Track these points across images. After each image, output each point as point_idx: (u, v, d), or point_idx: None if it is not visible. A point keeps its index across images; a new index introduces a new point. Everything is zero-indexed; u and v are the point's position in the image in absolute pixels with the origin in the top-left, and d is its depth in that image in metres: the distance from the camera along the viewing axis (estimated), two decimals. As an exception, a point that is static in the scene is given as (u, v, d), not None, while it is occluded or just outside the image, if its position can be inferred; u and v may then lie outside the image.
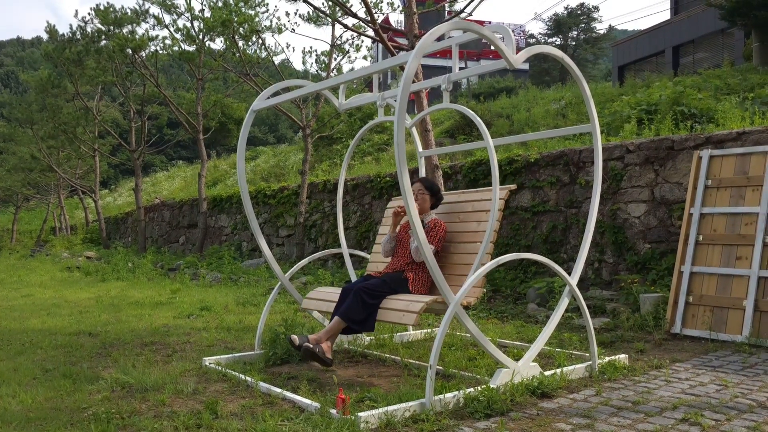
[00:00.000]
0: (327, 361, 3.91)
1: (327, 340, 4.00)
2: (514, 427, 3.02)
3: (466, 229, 4.43)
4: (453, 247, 4.44)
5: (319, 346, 3.91)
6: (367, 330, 4.01)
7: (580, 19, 46.51)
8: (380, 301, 4.01)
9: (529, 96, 21.28)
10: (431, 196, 4.51)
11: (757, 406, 3.29)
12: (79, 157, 25.23)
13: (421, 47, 3.34)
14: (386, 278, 4.21)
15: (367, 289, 4.01)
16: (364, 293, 3.99)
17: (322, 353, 3.89)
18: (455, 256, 4.40)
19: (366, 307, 3.97)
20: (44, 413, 3.34)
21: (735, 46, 20.99)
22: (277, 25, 13.62)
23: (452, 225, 4.54)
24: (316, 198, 12.22)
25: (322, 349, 3.91)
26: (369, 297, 3.99)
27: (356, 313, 3.95)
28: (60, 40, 19.34)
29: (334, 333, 4.04)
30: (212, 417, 3.22)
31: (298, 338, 3.92)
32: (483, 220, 4.33)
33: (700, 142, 6.42)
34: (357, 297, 3.98)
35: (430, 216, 4.49)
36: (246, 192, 4.83)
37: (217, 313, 6.98)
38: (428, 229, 4.36)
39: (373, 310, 3.98)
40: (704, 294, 5.26)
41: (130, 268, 12.64)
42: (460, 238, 4.44)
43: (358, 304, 3.96)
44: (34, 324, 6.38)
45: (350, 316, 3.96)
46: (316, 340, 3.95)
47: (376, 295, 4.02)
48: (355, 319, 3.96)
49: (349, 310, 3.97)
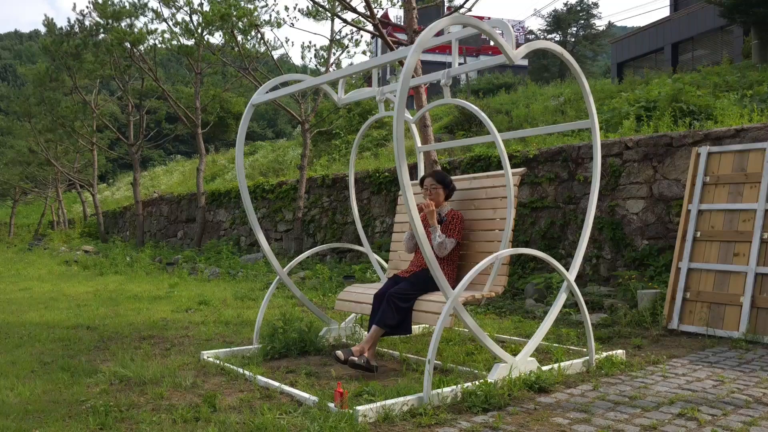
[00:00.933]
0: (373, 368, 3.96)
1: (369, 349, 4.05)
2: (511, 421, 3.03)
3: (483, 217, 4.48)
4: (473, 236, 4.49)
5: (363, 356, 3.96)
6: (404, 333, 4.12)
7: (580, 15, 46.46)
8: (412, 303, 4.09)
9: (528, 92, 21.26)
10: (444, 188, 4.53)
11: (753, 402, 3.30)
12: (77, 151, 25.19)
13: (421, 42, 3.34)
14: (413, 279, 4.26)
15: (397, 294, 4.09)
16: (396, 298, 4.07)
17: (367, 362, 3.93)
18: (476, 245, 4.45)
19: (399, 312, 4.05)
20: (42, 406, 3.35)
21: (734, 43, 20.98)
22: (276, 19, 13.62)
23: (468, 213, 4.57)
24: (315, 193, 12.21)
25: (367, 359, 3.95)
26: (401, 301, 4.07)
27: (391, 318, 4.04)
28: (58, 34, 19.28)
29: (375, 340, 4.10)
30: (210, 410, 3.22)
31: (343, 353, 3.96)
32: (499, 207, 4.38)
33: (698, 138, 6.43)
34: (390, 303, 4.06)
35: (446, 208, 4.52)
36: (245, 186, 4.83)
37: (215, 307, 6.98)
38: (447, 222, 4.40)
39: (407, 313, 4.07)
40: (701, 290, 5.27)
41: (128, 263, 12.64)
42: (478, 226, 4.48)
43: (391, 310, 4.05)
44: (32, 317, 6.38)
45: (386, 322, 4.04)
46: (359, 351, 4.00)
47: (407, 298, 4.09)
48: (391, 325, 4.05)
49: (384, 316, 4.05)
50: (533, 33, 48.12)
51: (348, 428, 2.87)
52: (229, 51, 14.45)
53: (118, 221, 23.48)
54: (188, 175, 26.95)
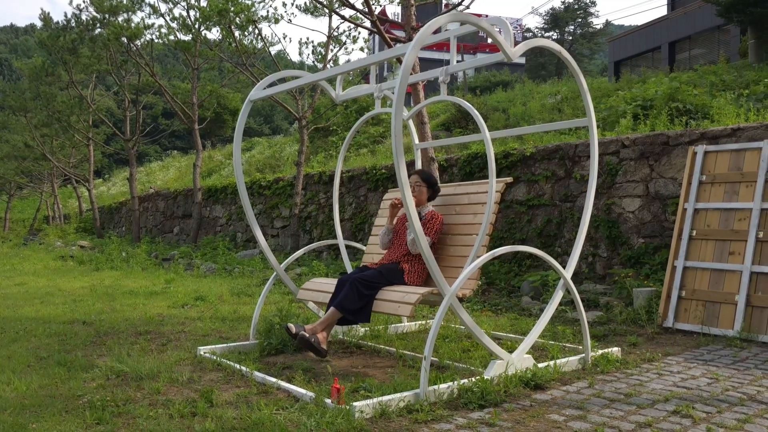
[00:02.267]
0: (322, 351, 3.93)
1: (323, 331, 4.02)
2: (507, 417, 3.04)
3: (463, 221, 4.45)
4: (449, 239, 4.46)
5: (314, 336, 3.92)
6: (363, 321, 4.03)
7: (577, 13, 46.49)
8: (376, 292, 4.03)
9: (525, 90, 21.29)
10: (428, 188, 4.52)
11: (747, 399, 3.32)
12: (73, 146, 25.09)
13: (420, 38, 3.34)
14: (382, 269, 4.22)
15: (362, 280, 4.03)
16: (360, 284, 4.01)
17: (318, 343, 3.90)
18: (451, 248, 4.42)
19: (362, 298, 3.99)
20: (39, 400, 3.35)
21: (731, 42, 21.04)
22: (273, 15, 13.57)
23: (449, 217, 4.55)
24: (312, 189, 12.21)
25: (318, 339, 3.92)
26: (365, 288, 4.01)
27: (352, 303, 3.97)
28: (54, 28, 19.18)
29: (330, 323, 4.06)
30: (207, 405, 3.23)
31: (295, 327, 3.94)
32: (479, 213, 4.35)
33: (695, 137, 6.44)
34: (353, 288, 4.00)
35: (427, 208, 4.51)
36: (242, 182, 4.82)
37: (211, 303, 6.98)
38: (425, 221, 4.38)
39: (369, 300, 4.00)
40: (697, 288, 5.30)
41: (124, 258, 12.61)
42: (457, 230, 4.45)
43: (354, 294, 3.98)
44: (28, 312, 6.37)
45: (346, 306, 3.98)
46: (312, 330, 3.96)
47: (372, 286, 4.03)
48: (350, 310, 3.98)
49: (345, 300, 3.99)
50: (531, 31, 48.16)
51: (345, 424, 2.88)
52: (227, 47, 14.42)
53: (114, 217, 23.43)
54: (185, 171, 26.91)
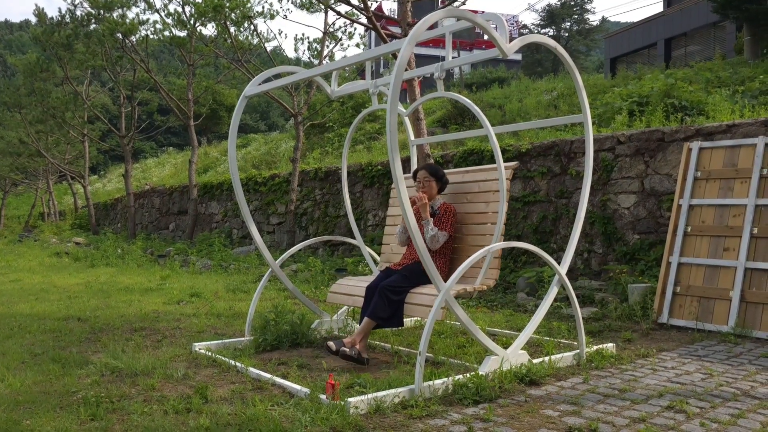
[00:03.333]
0: (364, 360, 3.97)
1: (361, 341, 4.06)
2: (502, 413, 3.05)
3: (476, 210, 4.49)
4: (465, 229, 4.50)
5: (354, 348, 3.96)
6: (396, 326, 4.12)
7: (573, 10, 46.46)
8: (404, 296, 4.10)
9: (521, 86, 21.28)
10: (437, 181, 4.54)
11: (741, 395, 3.34)
12: (68, 142, 25.00)
13: (415, 34, 3.33)
14: (406, 272, 4.26)
15: (390, 287, 4.09)
16: (388, 291, 4.07)
17: (359, 354, 3.94)
18: (468, 238, 4.46)
19: (391, 305, 4.06)
20: (33, 397, 3.34)
21: (727, 39, 21.07)
22: (269, 11, 13.51)
23: (461, 206, 4.58)
24: (307, 186, 12.19)
25: (358, 351, 3.96)
26: (393, 294, 4.07)
27: (383, 311, 4.05)
28: (49, 24, 19.08)
29: (366, 333, 4.11)
30: (202, 401, 3.23)
31: (335, 344, 3.97)
32: (491, 201, 4.39)
33: (690, 134, 6.46)
34: (382, 296, 4.06)
35: (438, 201, 4.52)
36: (237, 179, 4.81)
37: (207, 299, 6.97)
38: (439, 215, 4.40)
39: (399, 306, 4.08)
40: (691, 284, 5.31)
41: (120, 255, 12.59)
42: (471, 219, 4.49)
43: (383, 302, 4.05)
44: (23, 309, 6.35)
45: (378, 314, 4.05)
46: (351, 343, 4.00)
47: (400, 290, 4.10)
48: (382, 317, 4.06)
49: (376, 308, 4.05)
50: (527, 27, 48.09)
51: (339, 420, 2.88)
52: (222, 42, 14.37)
53: (109, 213, 23.37)
54: (180, 168, 26.84)
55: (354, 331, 4.41)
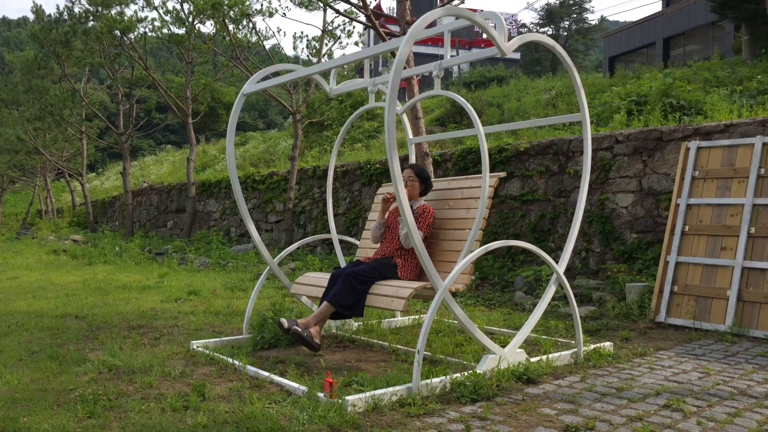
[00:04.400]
0: (315, 345, 3.93)
1: (315, 325, 4.02)
2: (499, 411, 3.05)
3: (456, 216, 4.45)
4: (442, 234, 4.46)
5: (307, 330, 3.92)
6: (356, 315, 4.04)
7: (572, 9, 46.44)
8: (369, 286, 4.02)
9: (519, 85, 21.29)
10: (421, 183, 4.52)
11: (738, 393, 3.34)
12: (66, 140, 24.97)
13: (414, 32, 3.33)
14: (375, 264, 4.22)
15: (356, 275, 4.03)
16: (354, 279, 4.01)
17: (311, 337, 3.91)
18: (444, 243, 4.42)
19: (355, 293, 3.99)
20: (30, 394, 3.34)
21: (725, 39, 21.09)
22: (268, 8, 13.51)
23: (442, 212, 4.55)
24: (306, 184, 12.19)
25: (311, 334, 3.92)
26: (358, 282, 4.00)
27: (345, 298, 3.97)
28: (47, 21, 19.05)
29: (323, 318, 4.06)
30: (200, 399, 3.23)
31: (287, 322, 3.93)
32: (472, 207, 4.35)
33: (688, 133, 6.46)
34: (346, 282, 4.00)
35: (419, 202, 4.51)
36: (235, 177, 4.81)
37: (205, 297, 6.97)
38: (417, 215, 4.38)
39: (362, 295, 4.00)
40: (689, 284, 5.32)
41: (118, 252, 12.57)
42: (450, 225, 4.46)
43: (347, 289, 3.98)
44: (20, 306, 6.34)
45: (339, 301, 3.98)
46: (305, 325, 3.96)
47: (365, 280, 4.03)
48: (344, 304, 3.98)
49: (338, 295, 3.99)
50: (526, 26, 48.08)
51: (337, 418, 2.88)
52: (221, 40, 14.35)
53: (107, 211, 23.34)
54: (178, 165, 26.81)
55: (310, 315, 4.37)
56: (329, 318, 4.14)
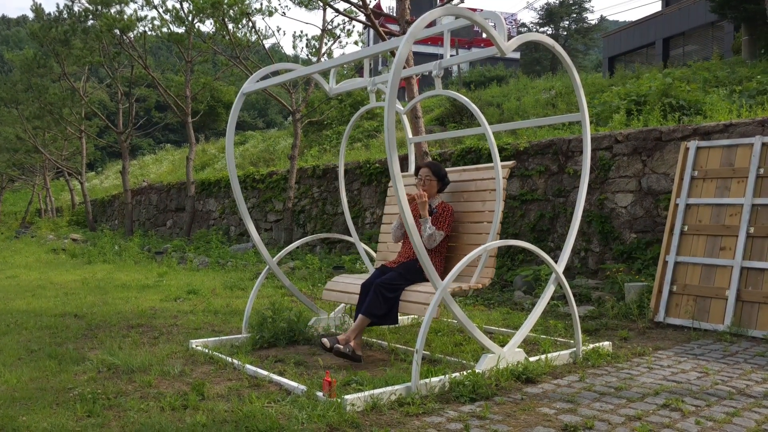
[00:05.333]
0: (357, 357, 3.97)
1: (355, 339, 4.06)
2: (498, 410, 3.06)
3: (472, 209, 4.50)
4: (461, 228, 4.51)
5: (348, 345, 3.96)
6: (391, 323, 4.11)
7: (572, 8, 46.45)
8: (399, 293, 4.10)
9: (519, 85, 21.29)
10: (438, 181, 4.54)
11: (736, 393, 3.35)
12: (66, 139, 24.95)
13: (413, 31, 3.33)
14: (401, 270, 4.27)
15: (385, 284, 4.09)
16: (384, 288, 4.07)
17: (352, 352, 3.94)
18: (465, 236, 4.47)
19: (386, 302, 4.06)
20: (29, 393, 3.34)
21: (724, 39, 21.10)
22: (267, 7, 13.50)
23: (457, 205, 4.59)
24: (305, 183, 12.19)
25: (352, 348, 3.96)
26: (388, 291, 4.07)
27: (378, 308, 4.05)
28: (46, 19, 19.04)
29: (361, 330, 4.11)
30: (199, 398, 3.23)
31: (329, 340, 3.96)
32: (487, 200, 4.40)
33: (687, 133, 6.47)
34: (377, 293, 4.06)
35: (437, 200, 4.52)
36: (235, 176, 4.81)
37: (204, 296, 6.97)
38: (436, 214, 4.41)
39: (394, 303, 4.08)
40: (688, 283, 5.32)
41: (117, 251, 12.57)
42: (467, 218, 4.50)
43: (378, 299, 4.05)
44: (19, 305, 6.34)
45: (373, 312, 4.05)
46: (345, 340, 4.00)
47: (395, 288, 4.10)
48: (377, 314, 4.06)
49: (371, 306, 4.05)
50: (525, 26, 48.09)
51: (336, 417, 2.88)
52: (220, 39, 14.34)
53: (106, 210, 23.33)
54: (178, 164, 26.80)
55: (349, 328, 4.42)
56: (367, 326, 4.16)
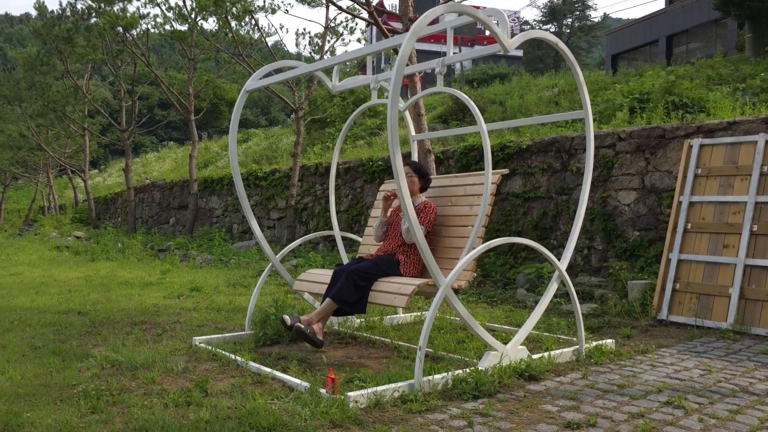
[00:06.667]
0: (318, 341, 3.94)
1: (318, 322, 4.02)
2: (501, 408, 3.06)
3: (458, 213, 4.46)
4: (444, 231, 4.47)
5: (310, 327, 3.93)
6: (359, 312, 4.04)
7: (575, 6, 46.34)
8: (372, 283, 4.03)
9: (522, 83, 21.26)
10: (420, 178, 4.53)
11: (739, 391, 3.35)
12: (69, 136, 24.97)
13: (416, 29, 3.33)
14: (378, 261, 4.23)
15: (358, 272, 4.03)
16: (356, 275, 4.01)
17: (313, 334, 3.91)
18: (446, 240, 4.42)
19: (358, 289, 3.99)
20: (33, 389, 3.35)
21: (728, 36, 21.04)
22: (270, 5, 13.49)
23: (444, 209, 4.55)
24: (308, 181, 12.19)
25: (313, 330, 3.93)
26: (361, 279, 4.01)
27: (348, 295, 3.98)
28: (49, 17, 19.06)
29: (326, 314, 4.07)
30: (202, 395, 3.24)
31: (290, 318, 3.94)
32: (475, 204, 4.36)
33: (690, 131, 6.45)
34: (349, 279, 4.00)
35: (420, 198, 4.52)
36: (238, 173, 4.81)
37: (207, 294, 6.98)
38: (418, 211, 4.39)
39: (365, 292, 4.01)
40: (691, 281, 5.32)
41: (120, 249, 12.59)
42: (452, 221, 4.46)
43: (349, 286, 3.99)
44: (23, 302, 6.36)
45: (342, 297, 3.98)
46: (307, 321, 3.97)
47: (368, 277, 4.04)
48: (346, 301, 3.99)
49: (341, 291, 3.99)
50: (528, 23, 48.00)
51: (339, 414, 2.89)
52: (223, 37, 14.35)
53: (109, 207, 23.37)
54: (181, 162, 26.84)
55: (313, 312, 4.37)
56: (332, 315, 4.15)
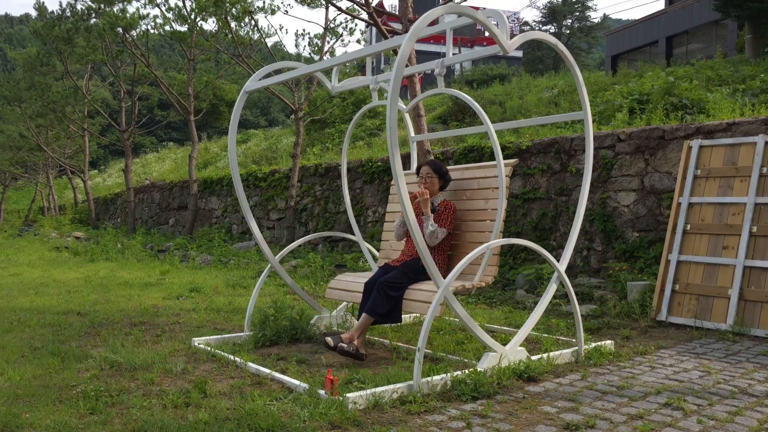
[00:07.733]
0: (361, 356, 3.97)
1: (359, 337, 4.06)
2: (500, 409, 3.06)
3: (475, 207, 4.50)
4: (464, 226, 4.50)
5: (352, 344, 3.96)
6: (394, 322, 4.11)
7: (575, 7, 46.37)
8: (403, 292, 4.09)
9: (522, 83, 21.25)
10: (440, 178, 4.54)
11: (738, 392, 3.35)
12: (68, 137, 24.97)
13: (416, 30, 3.33)
14: (404, 268, 4.26)
15: (388, 283, 4.09)
16: (387, 287, 4.07)
17: (356, 350, 3.94)
18: (468, 235, 4.46)
19: (390, 300, 4.06)
20: (32, 390, 3.35)
21: (728, 37, 21.05)
22: (270, 6, 13.49)
23: (460, 203, 4.58)
24: (308, 182, 12.19)
25: (356, 346, 3.96)
26: (391, 290, 4.07)
27: (381, 307, 4.04)
28: (49, 18, 19.09)
29: (364, 329, 4.11)
30: (201, 396, 3.24)
31: (332, 339, 3.97)
32: (490, 198, 4.40)
33: (690, 132, 6.46)
34: (380, 291, 4.06)
35: (439, 198, 4.53)
36: (237, 174, 4.82)
37: (206, 294, 6.98)
38: (439, 212, 4.41)
39: (398, 302, 4.08)
40: (690, 282, 5.32)
41: (120, 249, 12.59)
42: (470, 216, 4.50)
43: (382, 298, 4.05)
44: (22, 303, 6.36)
45: (376, 310, 4.05)
46: (348, 339, 4.00)
47: (398, 286, 4.09)
48: (381, 314, 4.05)
49: (374, 305, 4.05)
50: (528, 24, 48.02)
51: (338, 415, 2.89)
52: (223, 37, 14.36)
53: (109, 208, 23.37)
54: (180, 163, 26.83)
55: (352, 327, 4.42)
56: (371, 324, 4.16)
